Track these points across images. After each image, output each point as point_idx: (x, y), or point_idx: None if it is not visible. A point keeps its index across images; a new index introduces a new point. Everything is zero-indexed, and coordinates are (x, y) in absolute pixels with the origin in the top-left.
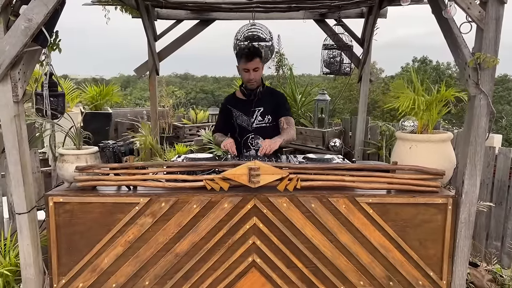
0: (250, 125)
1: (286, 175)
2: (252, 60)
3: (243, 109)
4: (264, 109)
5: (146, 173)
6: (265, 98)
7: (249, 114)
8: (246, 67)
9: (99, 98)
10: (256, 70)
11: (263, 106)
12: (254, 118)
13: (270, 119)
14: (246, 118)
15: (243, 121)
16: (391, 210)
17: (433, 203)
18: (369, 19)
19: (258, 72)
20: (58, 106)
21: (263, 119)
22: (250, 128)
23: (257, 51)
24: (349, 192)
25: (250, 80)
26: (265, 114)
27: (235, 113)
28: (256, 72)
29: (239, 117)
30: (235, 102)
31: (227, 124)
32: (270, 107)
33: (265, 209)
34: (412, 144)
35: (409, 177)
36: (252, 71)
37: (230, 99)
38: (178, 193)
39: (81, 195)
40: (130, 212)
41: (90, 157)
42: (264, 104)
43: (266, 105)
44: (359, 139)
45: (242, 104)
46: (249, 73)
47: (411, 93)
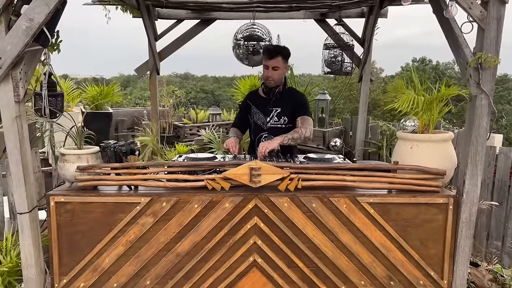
0: (265, 124)
1: (287, 175)
2: (273, 58)
3: (261, 107)
4: (281, 110)
5: (147, 172)
6: (284, 99)
7: (266, 113)
8: (266, 64)
9: (100, 98)
10: (276, 69)
11: (281, 106)
12: (270, 118)
13: (286, 120)
14: (263, 116)
15: (259, 119)
16: (392, 210)
17: (434, 203)
18: (369, 18)
19: (277, 72)
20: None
21: (278, 120)
22: (264, 127)
23: (281, 50)
24: (350, 192)
25: (268, 78)
26: (281, 115)
27: (253, 109)
28: (275, 71)
29: (256, 114)
30: (255, 98)
31: (245, 120)
32: (288, 109)
33: (266, 209)
34: (413, 144)
35: (410, 177)
36: (271, 69)
37: (252, 95)
38: (179, 192)
39: (82, 195)
40: (131, 212)
41: (91, 157)
42: (283, 105)
43: (284, 106)
44: (360, 138)
45: (261, 102)
46: (268, 71)
47: (411, 93)
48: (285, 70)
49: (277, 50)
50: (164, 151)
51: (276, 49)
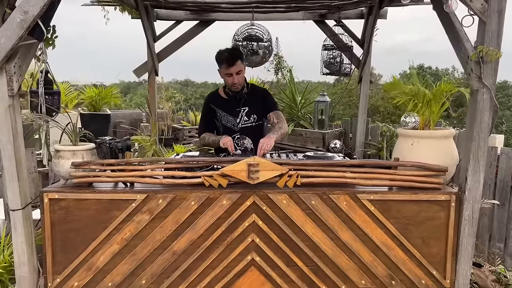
0: (235, 125)
1: (286, 171)
2: (234, 64)
3: (228, 109)
4: (249, 109)
5: (144, 169)
6: (249, 97)
7: (234, 114)
8: (228, 72)
9: (98, 100)
10: (239, 73)
11: (248, 105)
12: (240, 118)
13: (255, 118)
14: (232, 118)
15: (228, 122)
16: (393, 207)
17: (435, 200)
18: (369, 19)
19: (241, 75)
20: (53, 104)
21: (248, 119)
22: (236, 129)
23: (237, 53)
24: (350, 188)
25: (235, 84)
26: (250, 114)
27: (219, 113)
28: (239, 75)
29: (224, 117)
30: (219, 101)
31: (212, 124)
32: (255, 106)
33: (265, 206)
34: (414, 141)
35: (411, 174)
36: (236, 74)
37: (214, 98)
38: (175, 189)
39: (76, 192)
40: (127, 209)
41: (86, 153)
42: (249, 103)
43: (251, 104)
44: (360, 140)
45: (227, 104)
46: (232, 77)
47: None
48: (245, 70)
49: (234, 55)
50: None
51: (233, 54)
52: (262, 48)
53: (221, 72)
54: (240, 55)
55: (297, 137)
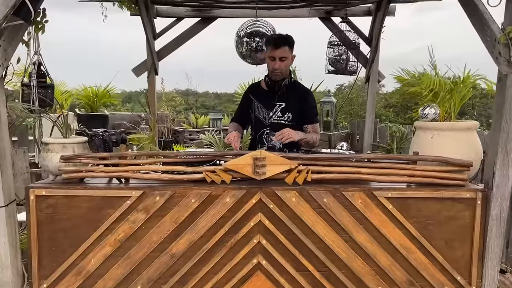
0: (267, 119)
1: (295, 166)
2: (280, 47)
3: (264, 100)
4: (286, 105)
5: (140, 163)
6: (289, 94)
7: (269, 108)
8: (272, 55)
9: (96, 100)
10: (283, 60)
11: (285, 101)
12: (273, 113)
13: (290, 117)
14: (265, 111)
15: (261, 114)
16: (412, 205)
17: (459, 198)
18: (377, 16)
19: (285, 62)
20: (46, 98)
21: (282, 116)
22: (266, 123)
23: (287, 39)
24: (365, 185)
25: (275, 70)
26: (286, 111)
27: (254, 103)
28: (282, 62)
29: (258, 108)
30: (257, 91)
31: (245, 114)
32: (294, 105)
33: (272, 204)
34: (434, 133)
35: (433, 169)
36: (278, 60)
37: (254, 87)
38: (174, 186)
39: (66, 188)
40: (121, 207)
41: (78, 146)
42: (288, 100)
43: (289, 101)
44: (367, 142)
45: (264, 95)
46: (274, 62)
47: (433, 77)
48: (291, 61)
49: (283, 38)
50: None
51: (282, 38)
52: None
53: (266, 55)
54: (290, 42)
55: None
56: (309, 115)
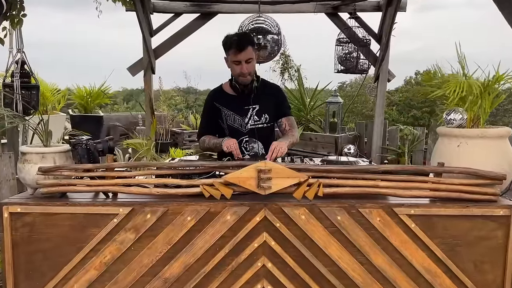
0: (244, 126)
1: (305, 179)
2: (244, 49)
3: (235, 107)
4: (260, 107)
5: (128, 176)
6: (260, 94)
7: (243, 114)
8: (236, 59)
9: (89, 101)
10: (249, 62)
11: (259, 103)
12: (249, 118)
13: (267, 118)
14: (239, 118)
15: (235, 122)
16: (438, 224)
17: (491, 215)
18: (387, 11)
19: (251, 64)
20: (31, 100)
21: (259, 119)
22: (244, 130)
23: (249, 38)
24: (384, 201)
25: (243, 74)
26: (261, 113)
27: (224, 112)
28: (249, 63)
29: (230, 116)
30: (224, 99)
31: (215, 125)
32: (267, 104)
33: (278, 223)
34: (461, 142)
35: (460, 182)
36: (245, 62)
37: (218, 95)
38: (168, 201)
39: (44, 204)
40: (107, 226)
41: (59, 156)
42: (261, 101)
43: (262, 102)
44: (376, 144)
45: (233, 101)
46: (241, 66)
47: (459, 77)
48: (256, 60)
49: (245, 39)
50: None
51: (244, 38)
52: (270, 42)
53: (228, 60)
54: (251, 40)
55: (307, 141)
56: (283, 108)
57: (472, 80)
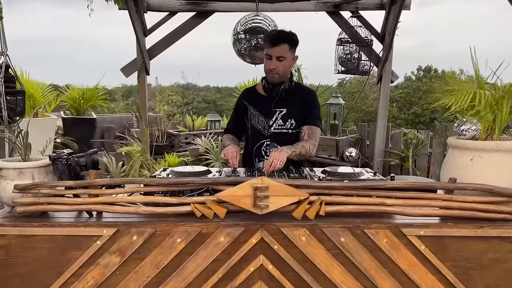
0: (266, 128)
1: (305, 197)
2: (278, 45)
3: (262, 107)
4: (287, 111)
5: (112, 193)
6: (291, 98)
7: (268, 115)
8: (269, 53)
9: (82, 103)
10: (281, 60)
11: (287, 107)
12: (273, 121)
13: (293, 124)
14: (264, 119)
15: (259, 123)
16: (450, 245)
17: (509, 237)
18: (391, 10)
19: (283, 63)
20: (16, 106)
21: (284, 124)
22: (266, 133)
23: (289, 36)
24: (391, 220)
25: (271, 71)
26: (287, 118)
27: (250, 111)
28: (280, 62)
29: (255, 117)
30: (253, 97)
31: (241, 124)
32: (296, 109)
33: (276, 245)
34: (475, 155)
35: (474, 200)
36: (275, 59)
37: (248, 92)
38: (156, 221)
39: (21, 226)
40: (90, 249)
41: (38, 172)
42: (289, 105)
43: (291, 107)
44: (379, 148)
45: (261, 102)
46: (270, 61)
47: (470, 86)
48: (292, 62)
49: (282, 35)
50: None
51: (281, 35)
52: None
53: (264, 54)
54: (291, 39)
55: None
56: (308, 115)
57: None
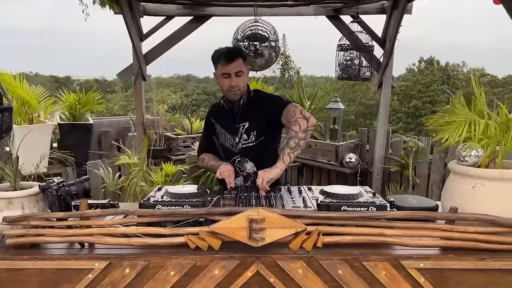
0: (235, 146)
1: (303, 229)
2: (233, 61)
3: (227, 124)
4: (249, 124)
5: (104, 225)
6: (251, 108)
7: (233, 132)
8: (226, 71)
9: (78, 108)
10: (239, 75)
11: (248, 120)
12: (239, 137)
13: (255, 134)
14: (230, 137)
15: (227, 141)
16: (451, 278)
17: (510, 269)
18: (392, 14)
19: (242, 77)
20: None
21: (248, 137)
22: (235, 150)
23: (239, 51)
24: (390, 252)
25: (233, 88)
26: (250, 130)
27: (217, 129)
28: (239, 77)
29: (222, 135)
30: (219, 114)
31: (212, 142)
32: (257, 118)
33: (273, 278)
34: (477, 183)
35: (475, 230)
36: (234, 75)
37: (215, 109)
38: (149, 253)
39: (11, 258)
40: (81, 282)
41: (28, 201)
42: (250, 117)
43: (252, 118)
44: (379, 154)
45: (226, 118)
46: (230, 79)
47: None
48: (248, 75)
49: (234, 51)
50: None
51: (233, 50)
52: (268, 49)
53: (217, 74)
54: (241, 53)
55: (306, 148)
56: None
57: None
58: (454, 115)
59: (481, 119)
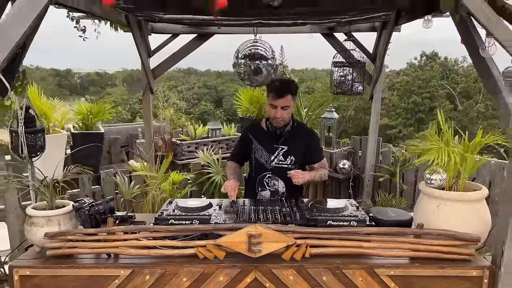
0: (268, 162)
1: (293, 243)
2: (283, 96)
3: (265, 143)
4: (288, 149)
5: (126, 239)
6: (292, 137)
7: (271, 151)
8: (273, 103)
9: (91, 118)
10: (286, 109)
11: (288, 145)
12: (275, 157)
13: (293, 160)
14: (266, 154)
15: (262, 157)
16: (416, 284)
17: (465, 276)
18: (382, 34)
19: (287, 111)
20: (36, 144)
21: (285, 160)
22: (268, 166)
23: (290, 87)
24: (367, 261)
25: (277, 119)
26: (288, 154)
27: (255, 144)
28: (285, 110)
29: (259, 151)
30: (258, 132)
31: (245, 154)
32: (296, 147)
33: (268, 283)
34: (441, 203)
35: (438, 243)
36: (281, 109)
37: (254, 127)
38: (165, 263)
39: (51, 267)
40: (109, 287)
41: (63, 218)
42: (291, 144)
43: (292, 145)
44: (370, 162)
45: (265, 137)
46: (276, 110)
47: (438, 142)
48: (293, 107)
49: (286, 87)
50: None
51: (285, 86)
52: (266, 66)
53: (268, 101)
54: (293, 89)
55: None
56: (315, 155)
57: (455, 150)
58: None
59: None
